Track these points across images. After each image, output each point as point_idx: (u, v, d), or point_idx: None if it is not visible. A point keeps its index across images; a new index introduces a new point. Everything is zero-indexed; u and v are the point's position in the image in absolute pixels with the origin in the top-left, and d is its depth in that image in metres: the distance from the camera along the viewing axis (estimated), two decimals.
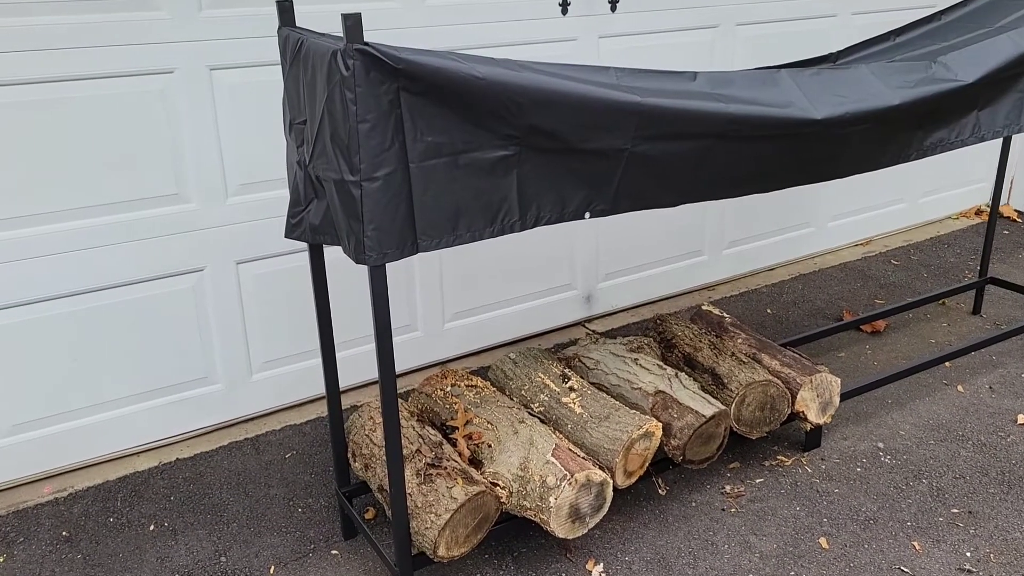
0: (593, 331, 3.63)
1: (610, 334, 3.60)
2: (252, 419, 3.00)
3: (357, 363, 3.07)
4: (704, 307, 3.08)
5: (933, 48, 2.71)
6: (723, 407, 2.46)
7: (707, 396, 2.50)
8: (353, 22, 1.66)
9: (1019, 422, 2.95)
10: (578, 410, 2.44)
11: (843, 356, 3.42)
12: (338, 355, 2.28)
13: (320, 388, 2.37)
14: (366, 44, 1.67)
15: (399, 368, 3.23)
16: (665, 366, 2.62)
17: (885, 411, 3.03)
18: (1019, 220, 4.84)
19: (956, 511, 2.52)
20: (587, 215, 2.07)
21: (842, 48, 2.78)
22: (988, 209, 4.92)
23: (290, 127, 2.00)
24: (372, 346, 2.97)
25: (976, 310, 3.75)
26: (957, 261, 4.32)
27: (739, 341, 2.87)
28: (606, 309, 3.74)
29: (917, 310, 3.72)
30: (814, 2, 3.82)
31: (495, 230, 1.94)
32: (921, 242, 4.56)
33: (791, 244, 4.24)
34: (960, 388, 3.16)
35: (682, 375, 2.57)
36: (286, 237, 2.05)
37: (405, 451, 2.25)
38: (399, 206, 1.79)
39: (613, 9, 3.29)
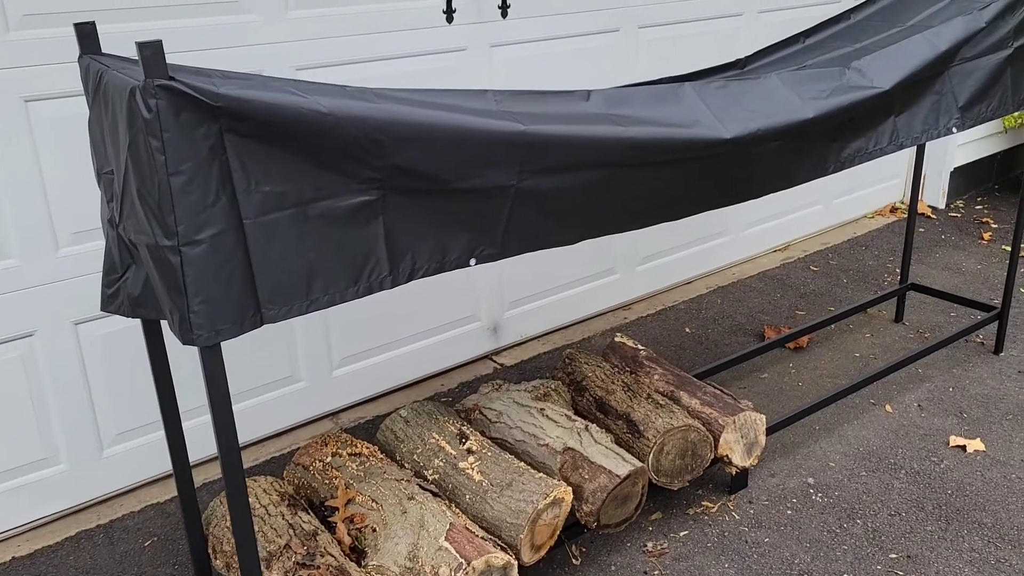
0: (501, 364, 3.34)
1: (520, 367, 3.32)
2: (106, 500, 2.58)
3: None
4: (617, 339, 2.82)
5: (846, 50, 2.53)
6: (639, 464, 2.20)
7: (621, 452, 2.23)
8: (152, 52, 1.32)
9: (951, 444, 2.78)
10: (477, 477, 2.14)
11: (766, 377, 3.21)
12: (196, 421, 1.92)
13: (190, 456, 2.01)
14: (171, 79, 1.33)
15: (281, 425, 2.89)
16: (574, 417, 2.35)
17: (813, 439, 2.82)
18: (933, 216, 4.75)
19: (895, 556, 2.32)
20: (472, 262, 1.79)
21: (750, 53, 2.57)
22: (903, 206, 4.84)
23: (99, 177, 1.65)
24: (240, 405, 2.61)
25: (898, 317, 3.60)
26: (876, 264, 4.18)
27: (655, 377, 2.61)
28: (514, 339, 3.44)
29: (840, 321, 3.54)
30: (719, 1, 3.60)
31: (360, 289, 1.65)
32: (839, 244, 4.41)
33: (707, 255, 4.03)
34: (888, 408, 2.98)
35: (592, 427, 2.30)
36: (103, 311, 1.69)
37: (272, 547, 1.91)
38: (233, 272, 1.47)
39: (504, 15, 3.00)
